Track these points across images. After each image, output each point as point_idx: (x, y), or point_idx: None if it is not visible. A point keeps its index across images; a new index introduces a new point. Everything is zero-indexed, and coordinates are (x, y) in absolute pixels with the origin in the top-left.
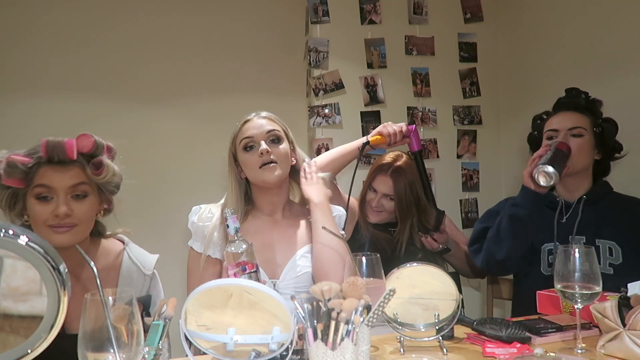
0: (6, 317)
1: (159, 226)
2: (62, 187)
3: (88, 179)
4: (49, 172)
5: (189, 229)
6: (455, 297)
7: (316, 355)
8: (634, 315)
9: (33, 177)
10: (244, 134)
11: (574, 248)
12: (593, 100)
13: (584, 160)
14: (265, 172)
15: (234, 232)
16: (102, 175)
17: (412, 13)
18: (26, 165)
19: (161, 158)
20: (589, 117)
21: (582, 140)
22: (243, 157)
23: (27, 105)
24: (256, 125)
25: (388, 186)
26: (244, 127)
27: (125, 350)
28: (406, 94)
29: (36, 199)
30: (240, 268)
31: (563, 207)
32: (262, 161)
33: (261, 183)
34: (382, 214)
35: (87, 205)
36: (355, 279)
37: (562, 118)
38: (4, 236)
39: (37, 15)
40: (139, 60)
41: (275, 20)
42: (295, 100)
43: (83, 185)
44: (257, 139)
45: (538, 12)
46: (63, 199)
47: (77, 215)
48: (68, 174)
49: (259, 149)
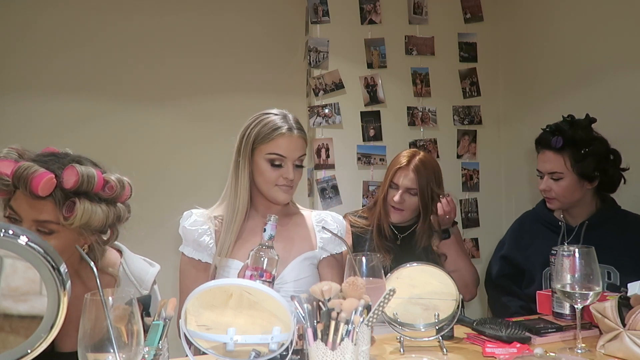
0: (6, 317)
1: (156, 226)
2: (27, 218)
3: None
4: (20, 198)
5: (180, 234)
6: (455, 297)
7: (316, 355)
8: (634, 315)
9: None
10: (276, 148)
11: (574, 248)
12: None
13: (572, 197)
14: (279, 192)
15: (268, 237)
16: (69, 220)
17: (412, 13)
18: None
19: (160, 158)
20: (567, 156)
21: (564, 183)
22: (263, 167)
23: (26, 105)
24: (291, 146)
25: (410, 180)
26: (279, 140)
27: (125, 350)
28: (406, 94)
29: (6, 218)
30: (258, 273)
31: (565, 231)
32: (282, 182)
33: (269, 197)
34: (404, 213)
35: (55, 242)
36: (355, 279)
37: (543, 159)
38: (4, 236)
39: (35, 15)
40: (137, 60)
41: (275, 20)
42: (295, 100)
43: (51, 224)
44: (287, 161)
45: (538, 12)
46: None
47: None
48: (37, 207)
49: (286, 171)
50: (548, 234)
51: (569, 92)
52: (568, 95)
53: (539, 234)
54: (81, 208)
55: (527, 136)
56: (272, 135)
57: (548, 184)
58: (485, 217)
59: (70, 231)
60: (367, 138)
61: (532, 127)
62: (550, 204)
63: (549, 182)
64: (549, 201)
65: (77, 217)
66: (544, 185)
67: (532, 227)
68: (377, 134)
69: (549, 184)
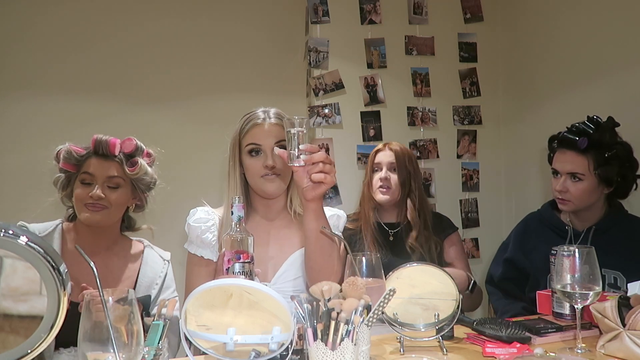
0: (6, 317)
1: (160, 226)
2: (100, 176)
3: (123, 174)
4: (93, 162)
5: (185, 231)
6: (455, 297)
7: (316, 355)
8: (634, 315)
9: (82, 166)
10: (251, 138)
11: (574, 248)
12: (598, 139)
13: (588, 200)
14: (266, 183)
15: (237, 219)
16: (134, 172)
17: (412, 13)
18: (79, 154)
19: (161, 159)
20: (590, 158)
21: (582, 185)
22: (247, 161)
23: (27, 105)
24: (265, 133)
25: (389, 156)
26: (253, 130)
27: (125, 350)
28: (406, 94)
29: (80, 183)
30: (235, 256)
31: (572, 236)
32: (264, 172)
33: (259, 191)
34: (388, 191)
35: (118, 194)
36: (355, 279)
37: (563, 159)
38: (4, 236)
39: (37, 16)
40: (138, 61)
41: (275, 20)
42: (295, 100)
43: (117, 179)
44: (264, 148)
45: (538, 12)
46: (100, 185)
47: (108, 199)
48: (108, 166)
49: (265, 159)
50: (554, 238)
51: (569, 92)
52: (568, 96)
53: (544, 238)
54: (142, 163)
55: (527, 136)
56: (247, 127)
57: (566, 184)
58: (485, 217)
59: (129, 188)
60: (367, 138)
61: (532, 127)
62: (564, 205)
63: (567, 182)
64: (563, 203)
65: (139, 170)
66: (561, 186)
67: (537, 231)
68: (377, 134)
69: (567, 185)
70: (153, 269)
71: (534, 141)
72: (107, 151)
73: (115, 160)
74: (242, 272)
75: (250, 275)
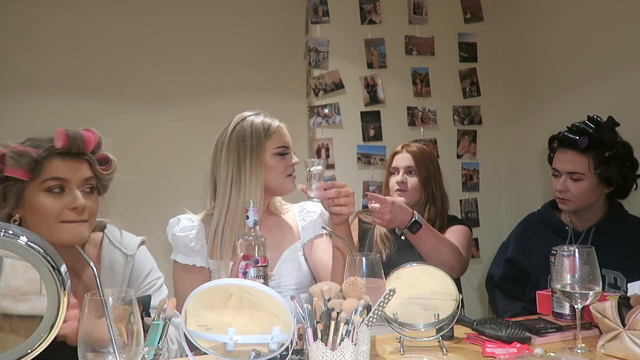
0: (6, 317)
1: (158, 225)
2: (74, 180)
3: (94, 174)
4: (59, 164)
5: (170, 242)
6: (455, 297)
7: (316, 355)
8: (634, 315)
9: (40, 170)
10: (279, 141)
11: (574, 248)
12: (598, 138)
13: (588, 200)
14: (290, 183)
15: (252, 223)
16: (109, 170)
17: (412, 13)
18: (38, 154)
19: (161, 158)
20: (591, 158)
21: (582, 184)
22: (274, 162)
23: (27, 105)
24: (286, 134)
25: (407, 159)
26: (280, 132)
27: (125, 350)
28: (406, 94)
29: (48, 192)
30: (252, 260)
31: (572, 236)
32: (291, 171)
33: (281, 191)
34: (404, 194)
35: (94, 200)
36: (355, 279)
37: (563, 159)
38: (4, 236)
39: (37, 15)
40: (138, 60)
41: (275, 20)
42: (295, 100)
43: (92, 180)
44: (290, 149)
45: (538, 12)
46: (78, 192)
47: (88, 209)
48: (79, 167)
49: (291, 159)
50: (554, 238)
51: (569, 92)
52: (568, 96)
53: (544, 238)
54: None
55: (527, 136)
56: (271, 130)
57: (566, 184)
58: (485, 217)
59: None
60: (367, 138)
61: (532, 127)
62: (564, 205)
63: (567, 182)
64: (563, 202)
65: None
66: (561, 186)
67: (537, 231)
68: (377, 134)
69: (567, 185)
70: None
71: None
72: (83, 149)
73: (86, 158)
74: (258, 276)
75: (265, 279)
